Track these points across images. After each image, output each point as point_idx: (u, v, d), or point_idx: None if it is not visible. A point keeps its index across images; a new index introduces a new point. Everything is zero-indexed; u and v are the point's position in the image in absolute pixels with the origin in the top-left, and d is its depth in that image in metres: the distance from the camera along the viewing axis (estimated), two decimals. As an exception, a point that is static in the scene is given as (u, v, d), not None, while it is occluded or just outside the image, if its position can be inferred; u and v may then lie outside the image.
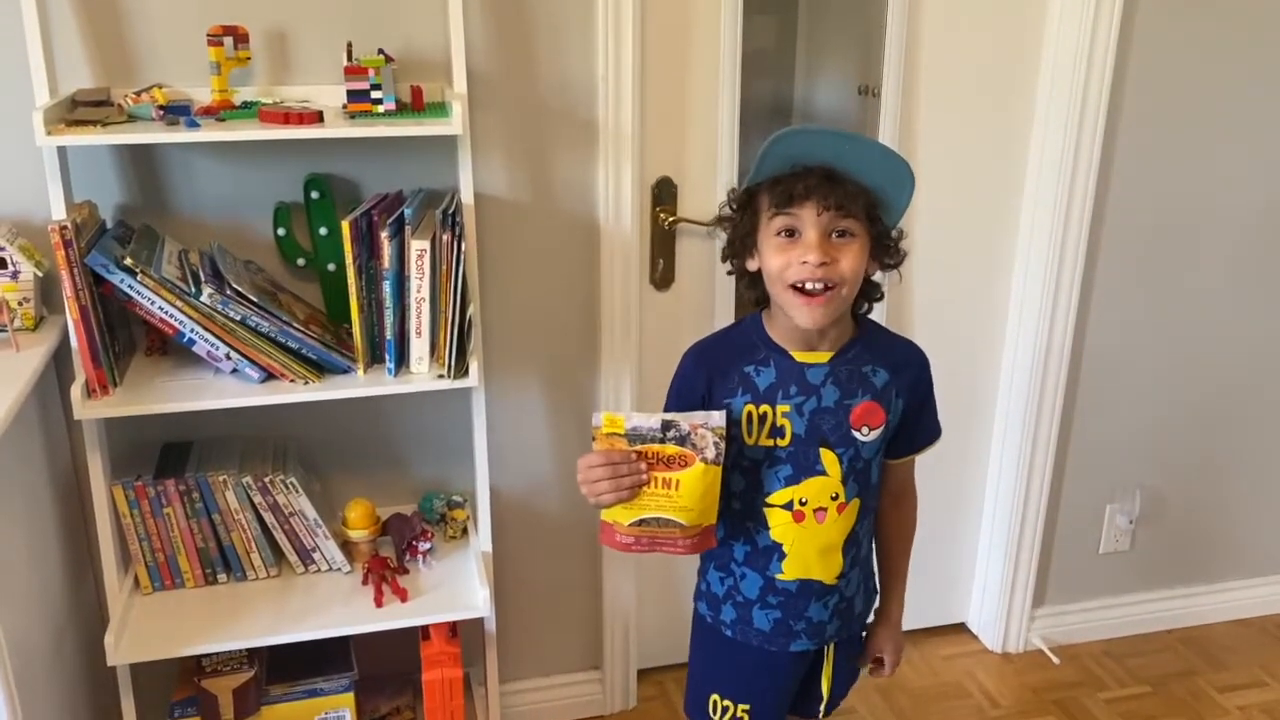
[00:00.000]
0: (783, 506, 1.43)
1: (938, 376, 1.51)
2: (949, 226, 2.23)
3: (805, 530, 1.43)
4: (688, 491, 1.32)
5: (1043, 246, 2.22)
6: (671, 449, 1.31)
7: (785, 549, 1.44)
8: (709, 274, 2.13)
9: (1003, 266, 2.30)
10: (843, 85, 2.23)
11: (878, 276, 1.44)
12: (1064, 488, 2.45)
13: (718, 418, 1.32)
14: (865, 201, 1.33)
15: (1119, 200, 2.23)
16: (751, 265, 1.41)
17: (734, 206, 1.41)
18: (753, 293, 1.45)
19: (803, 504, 1.42)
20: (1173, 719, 2.33)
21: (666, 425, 1.31)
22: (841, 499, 1.43)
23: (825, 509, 1.43)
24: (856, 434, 1.42)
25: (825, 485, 1.42)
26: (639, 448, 1.31)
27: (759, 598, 1.48)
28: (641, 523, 1.34)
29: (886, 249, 1.39)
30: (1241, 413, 2.51)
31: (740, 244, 1.41)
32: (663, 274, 2.10)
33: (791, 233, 1.33)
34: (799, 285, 1.32)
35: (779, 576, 1.46)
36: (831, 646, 1.55)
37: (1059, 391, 2.33)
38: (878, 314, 2.16)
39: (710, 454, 1.31)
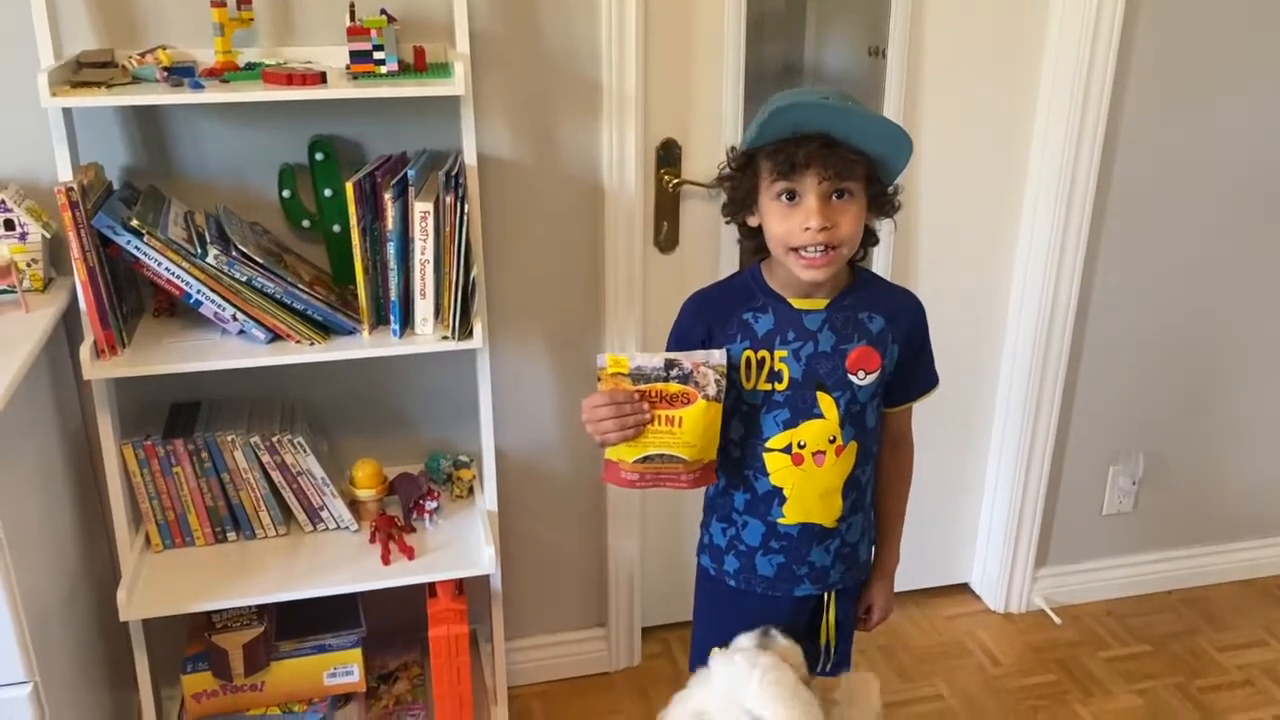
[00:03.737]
0: (781, 450, 1.46)
1: (942, 336, 1.53)
2: (955, 185, 2.22)
3: (804, 473, 1.47)
4: (690, 427, 1.37)
5: (1049, 205, 2.21)
6: (674, 387, 1.36)
7: (785, 493, 1.48)
8: (713, 236, 2.13)
9: (1008, 226, 2.29)
10: (853, 46, 2.21)
11: (874, 223, 1.46)
12: (1067, 449, 2.45)
13: (718, 356, 1.38)
14: (864, 165, 1.36)
15: (1126, 158, 2.21)
16: (752, 221, 1.43)
17: (733, 167, 1.43)
18: (752, 242, 1.48)
19: (801, 447, 1.46)
20: (1173, 678, 2.35)
21: (669, 364, 1.36)
22: (839, 442, 1.46)
23: (824, 452, 1.46)
24: (853, 378, 1.45)
25: (823, 428, 1.45)
26: (642, 387, 1.36)
27: (761, 544, 1.52)
28: (645, 459, 1.39)
29: (884, 206, 1.43)
30: (1245, 374, 2.51)
31: (741, 203, 1.44)
32: (667, 236, 2.10)
33: (792, 195, 1.35)
34: (799, 248, 1.36)
35: (780, 521, 1.49)
36: (833, 596, 1.57)
37: (1063, 352, 2.33)
38: (884, 270, 2.18)
39: (711, 391, 1.36)
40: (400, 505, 1.96)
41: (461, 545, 1.89)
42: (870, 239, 1.47)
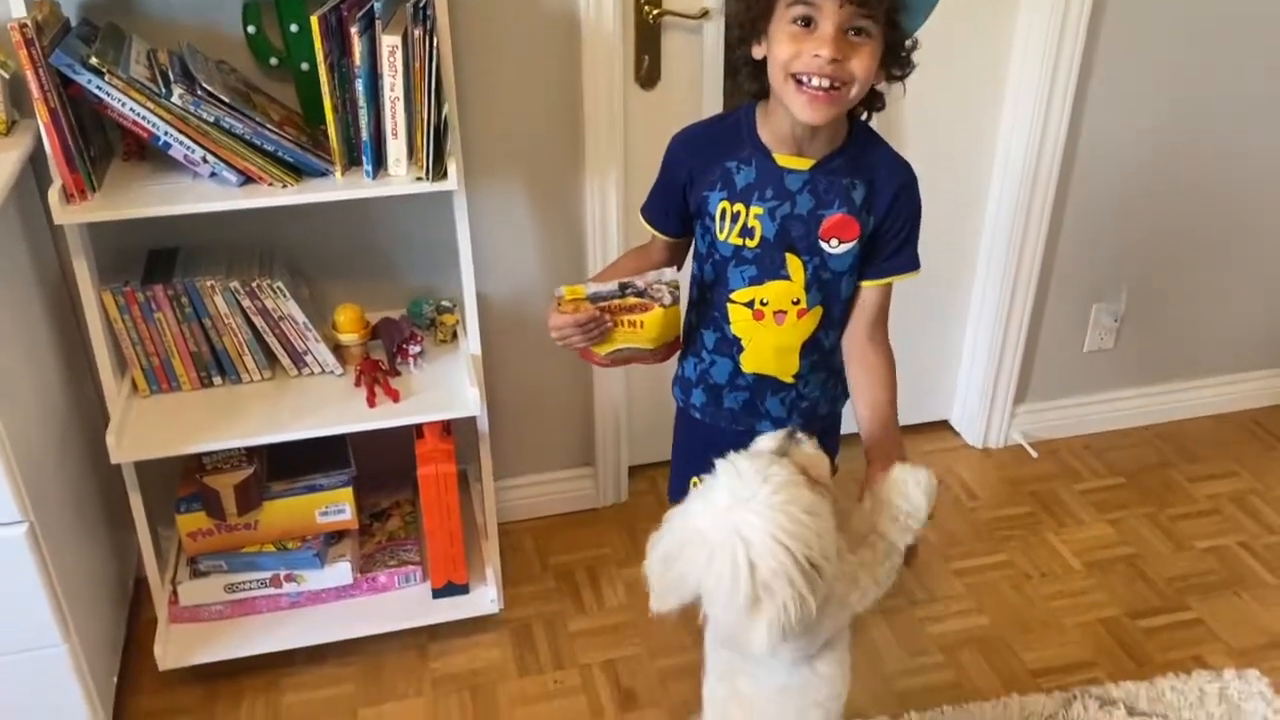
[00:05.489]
0: (744, 304, 1.47)
1: (929, 172, 1.48)
2: (943, 18, 2.14)
3: (763, 329, 1.48)
4: (651, 327, 1.43)
5: (1039, 42, 2.15)
6: (632, 300, 1.41)
7: (744, 343, 1.50)
8: (696, 71, 2.07)
9: (998, 60, 2.23)
10: None
11: (881, 86, 1.40)
12: (1051, 286, 2.46)
13: (670, 273, 1.41)
14: (887, 5, 1.29)
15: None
16: (758, 53, 1.37)
17: None
18: (753, 85, 1.42)
19: (763, 304, 1.46)
20: (1144, 508, 2.42)
21: (624, 285, 1.41)
22: (803, 305, 1.46)
23: (785, 312, 1.46)
24: (825, 245, 1.42)
25: (787, 289, 1.45)
26: (602, 305, 1.40)
27: (728, 382, 1.54)
28: (615, 352, 1.46)
29: (898, 58, 1.36)
30: (1227, 212, 2.49)
31: (750, 26, 1.37)
32: (648, 71, 2.04)
33: (808, 21, 1.29)
34: (803, 79, 1.30)
35: (742, 368, 1.52)
36: None
37: (1050, 188, 2.30)
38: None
39: (667, 300, 1.41)
40: (384, 349, 1.97)
41: (446, 388, 1.91)
42: (876, 101, 1.41)
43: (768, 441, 1.27)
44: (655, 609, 1.21)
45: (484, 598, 2.04)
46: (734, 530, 1.13)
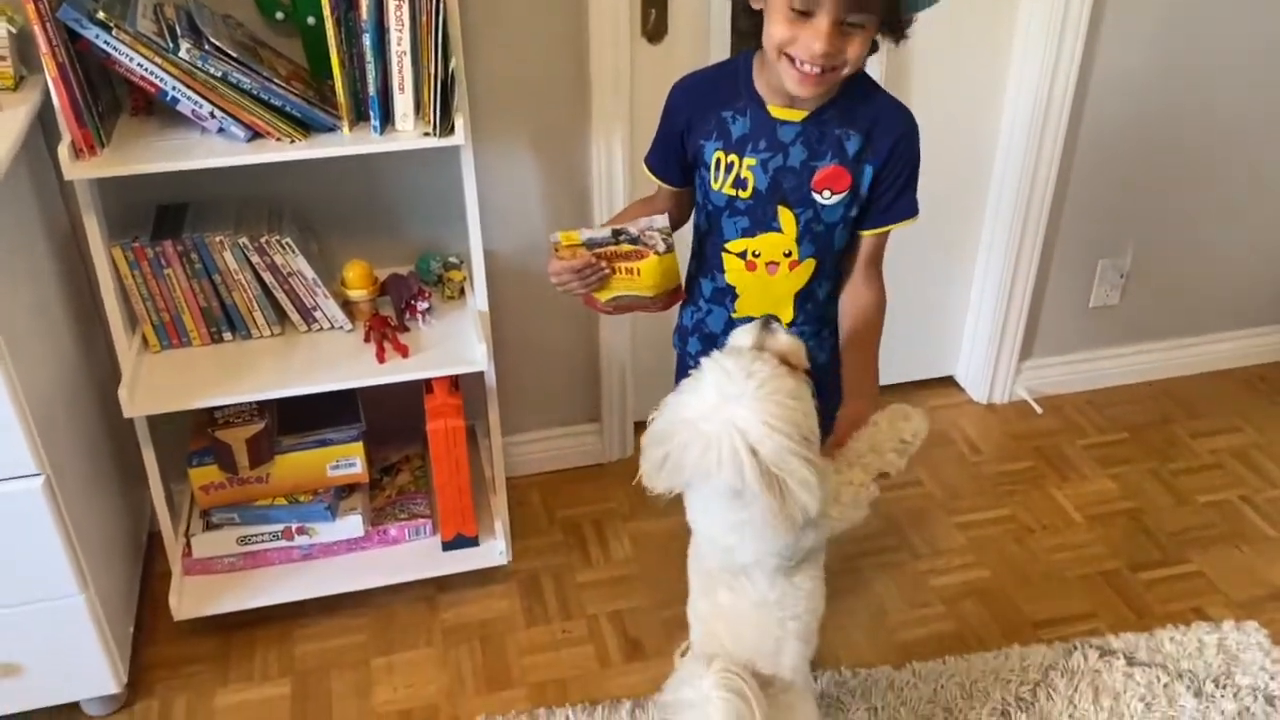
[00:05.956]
0: (738, 255, 1.50)
1: (936, 128, 1.48)
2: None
3: (756, 279, 1.50)
4: (648, 275, 1.45)
5: (1050, -8, 2.14)
6: (626, 248, 1.43)
7: (738, 291, 1.53)
8: (703, 25, 2.06)
9: (1005, 13, 2.22)
10: None
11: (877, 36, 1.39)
12: (1057, 242, 2.46)
13: (660, 220, 1.41)
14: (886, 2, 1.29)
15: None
16: (756, 3, 1.37)
17: None
18: (748, 23, 1.41)
19: (755, 256, 1.48)
20: (1147, 463, 2.44)
21: (617, 232, 1.42)
22: (795, 257, 1.47)
23: (777, 264, 1.48)
24: (817, 196, 1.43)
25: (779, 242, 1.46)
26: (597, 251, 1.43)
27: (724, 331, 1.56)
28: (615, 299, 1.50)
29: (896, 29, 1.36)
30: (1234, 168, 2.48)
31: None
32: (655, 25, 2.03)
33: (804, 10, 1.28)
34: (796, 59, 1.31)
35: (734, 315, 1.54)
36: None
37: (1058, 144, 2.29)
38: (875, 66, 2.12)
39: (661, 248, 1.42)
40: (392, 306, 1.98)
41: (455, 343, 1.93)
42: (870, 48, 1.40)
43: (744, 337, 1.32)
44: (648, 486, 1.28)
45: (493, 550, 2.07)
46: (728, 423, 1.19)
